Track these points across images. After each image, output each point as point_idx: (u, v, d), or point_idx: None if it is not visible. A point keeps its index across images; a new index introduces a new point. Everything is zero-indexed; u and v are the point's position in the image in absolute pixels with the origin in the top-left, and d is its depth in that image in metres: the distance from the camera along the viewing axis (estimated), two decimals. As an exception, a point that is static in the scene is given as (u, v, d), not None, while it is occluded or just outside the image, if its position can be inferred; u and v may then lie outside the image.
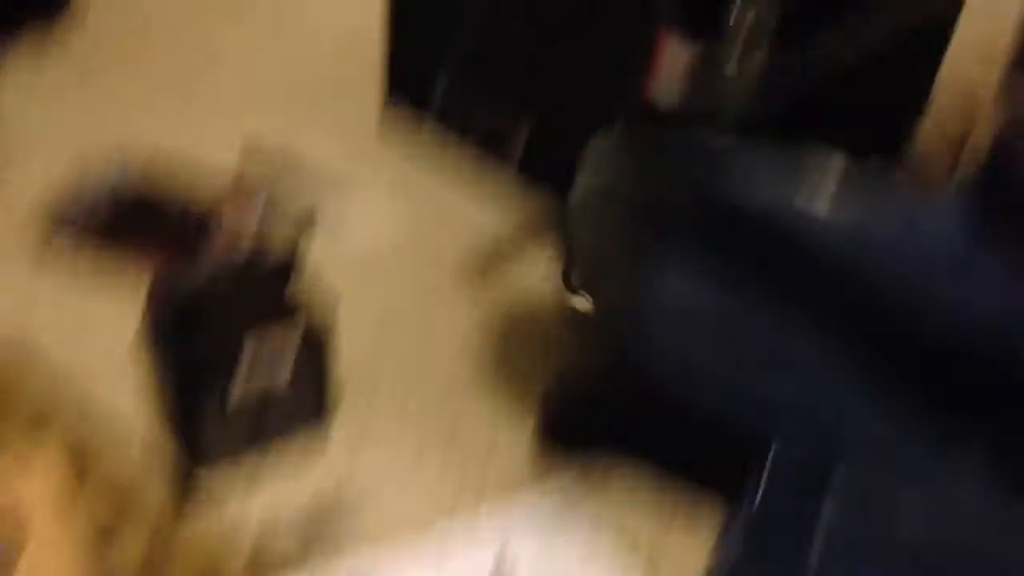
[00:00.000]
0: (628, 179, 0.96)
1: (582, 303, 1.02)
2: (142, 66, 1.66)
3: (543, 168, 1.42)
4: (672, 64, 1.54)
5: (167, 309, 1.02)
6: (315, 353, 1.08)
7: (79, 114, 1.55)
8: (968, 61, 1.73)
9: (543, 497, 1.08)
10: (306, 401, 1.10)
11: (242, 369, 1.03)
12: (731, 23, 1.50)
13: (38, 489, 0.99)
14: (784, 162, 1.02)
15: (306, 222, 1.33)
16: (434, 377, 1.22)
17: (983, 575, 0.89)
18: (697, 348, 0.92)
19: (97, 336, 1.19)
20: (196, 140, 1.49)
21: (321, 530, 1.03)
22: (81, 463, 1.03)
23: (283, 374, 1.05)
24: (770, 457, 0.91)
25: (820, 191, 0.97)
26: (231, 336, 1.01)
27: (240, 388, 1.03)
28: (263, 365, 1.04)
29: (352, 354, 1.16)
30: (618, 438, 1.07)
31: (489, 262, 1.36)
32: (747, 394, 0.92)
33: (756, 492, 0.92)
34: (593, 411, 1.10)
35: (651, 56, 1.49)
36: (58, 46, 1.68)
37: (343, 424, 1.14)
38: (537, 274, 1.35)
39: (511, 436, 1.15)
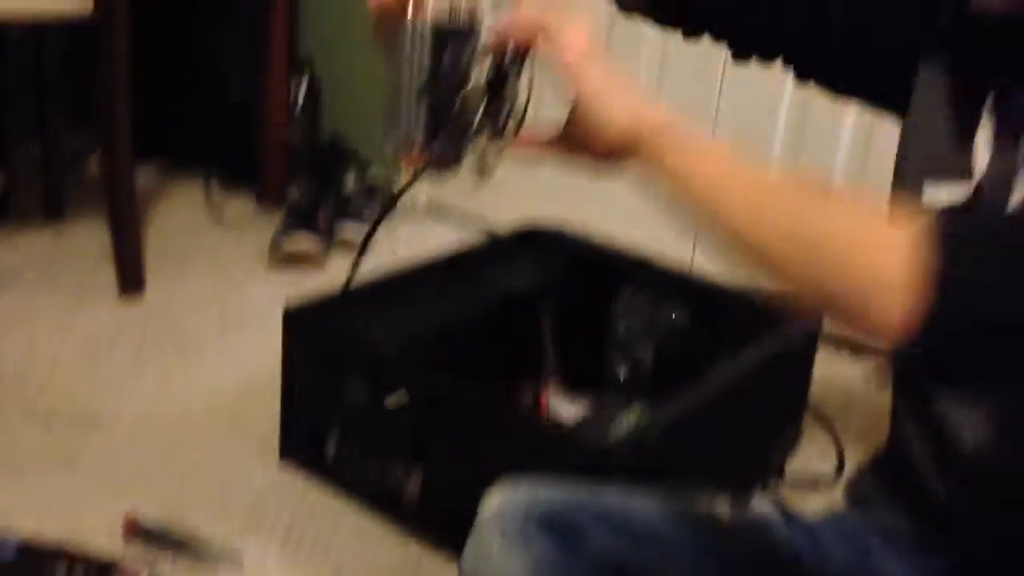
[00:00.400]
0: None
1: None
2: (30, 430, 1.65)
3: (438, 516, 1.43)
4: (558, 407, 1.59)
5: None
6: None
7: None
8: (828, 390, 1.83)
9: None
10: None
11: None
12: (611, 375, 1.58)
13: None
14: (678, 488, 1.06)
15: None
16: None
17: None
18: None
19: None
20: (78, 513, 1.46)
21: None
22: None
23: None
24: None
25: (717, 504, 1.03)
26: None
27: None
28: None
29: None
30: None
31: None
32: None
33: None
34: None
35: (539, 402, 1.55)
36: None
37: None
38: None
39: None
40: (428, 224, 2.62)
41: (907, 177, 0.84)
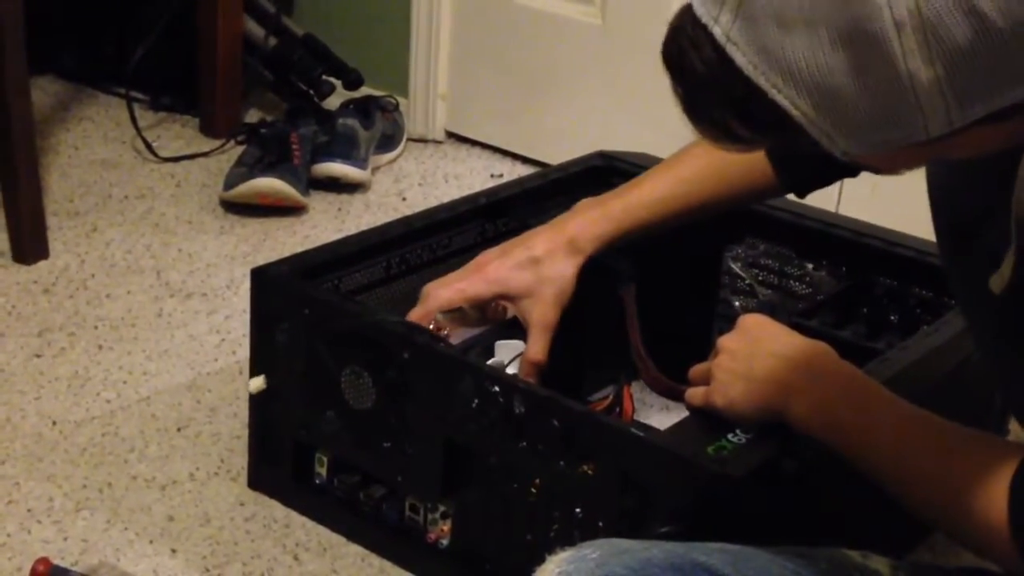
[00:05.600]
0: None
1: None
2: None
3: (477, 563, 1.43)
4: (647, 410, 1.58)
5: None
6: None
7: None
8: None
9: None
10: None
11: None
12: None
13: None
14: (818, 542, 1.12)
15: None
16: None
17: None
18: None
19: None
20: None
21: None
22: None
23: None
24: None
25: (874, 564, 1.11)
26: None
27: None
28: None
29: None
30: None
31: None
32: None
33: None
34: None
35: (620, 403, 1.54)
36: None
37: None
38: None
39: None
40: (452, 157, 2.62)
41: None
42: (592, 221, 1.46)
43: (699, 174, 1.45)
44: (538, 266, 1.45)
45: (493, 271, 1.46)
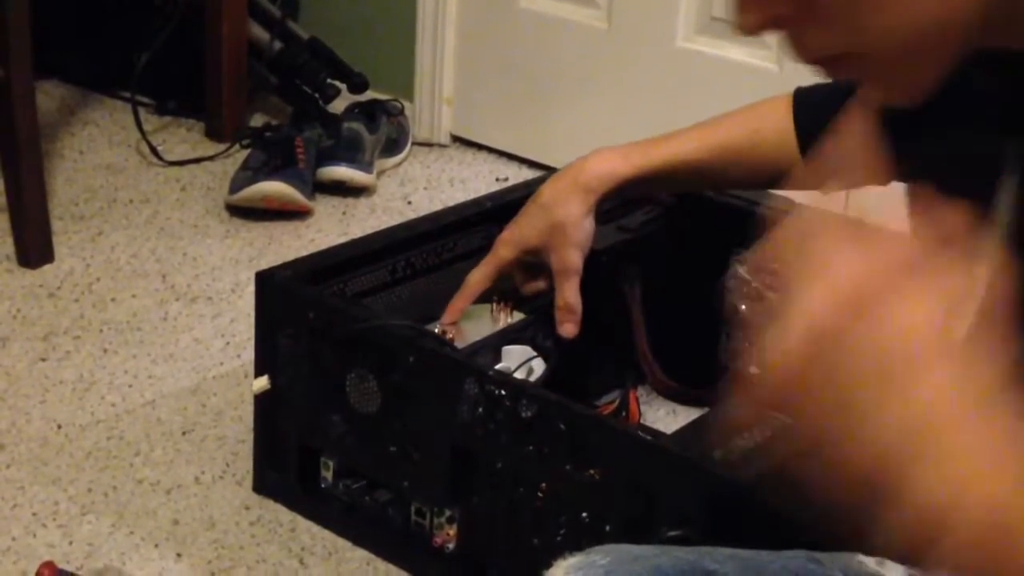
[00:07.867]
0: None
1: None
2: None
3: (483, 569, 1.43)
4: (653, 412, 1.57)
5: None
6: None
7: None
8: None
9: None
10: None
11: None
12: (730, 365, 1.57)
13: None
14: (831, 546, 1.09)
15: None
16: None
17: None
18: None
19: None
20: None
21: None
22: None
23: None
24: None
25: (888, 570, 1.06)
26: None
27: None
28: None
29: None
30: None
31: None
32: None
33: None
34: None
35: (627, 404, 1.54)
36: None
37: None
38: None
39: None
40: (457, 161, 2.61)
41: None
42: (606, 160, 1.43)
43: (730, 142, 1.40)
44: (547, 212, 1.44)
45: (508, 234, 1.47)
